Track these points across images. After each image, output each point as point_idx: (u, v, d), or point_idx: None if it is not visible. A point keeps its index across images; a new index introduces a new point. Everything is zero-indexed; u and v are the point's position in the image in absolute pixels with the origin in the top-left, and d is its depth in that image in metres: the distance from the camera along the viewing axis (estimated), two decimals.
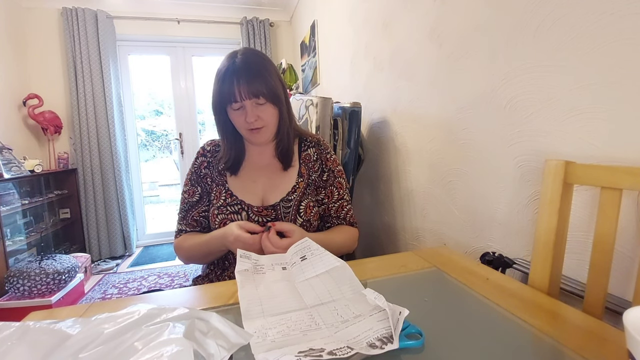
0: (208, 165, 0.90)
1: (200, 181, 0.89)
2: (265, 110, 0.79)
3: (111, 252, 3.05)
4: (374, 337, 0.41)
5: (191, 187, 0.89)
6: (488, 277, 0.61)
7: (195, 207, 0.89)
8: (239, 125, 0.81)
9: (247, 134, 0.82)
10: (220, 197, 0.85)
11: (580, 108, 0.70)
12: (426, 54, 1.22)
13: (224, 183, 0.87)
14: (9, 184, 2.26)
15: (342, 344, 0.39)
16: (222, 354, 0.35)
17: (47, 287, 1.85)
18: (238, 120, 0.80)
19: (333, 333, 0.43)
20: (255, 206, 0.83)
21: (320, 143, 0.94)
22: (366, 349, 0.39)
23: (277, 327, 0.45)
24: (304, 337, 0.42)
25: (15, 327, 0.34)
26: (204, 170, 0.89)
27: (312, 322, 0.46)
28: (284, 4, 3.33)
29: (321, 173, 0.91)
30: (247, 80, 0.75)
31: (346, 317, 0.46)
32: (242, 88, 0.75)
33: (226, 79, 0.76)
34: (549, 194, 0.68)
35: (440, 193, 1.19)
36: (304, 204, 0.85)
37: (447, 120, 1.13)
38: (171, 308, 0.37)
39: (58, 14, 2.89)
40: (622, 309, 0.55)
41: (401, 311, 0.43)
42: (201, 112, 3.61)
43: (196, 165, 0.90)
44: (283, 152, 0.88)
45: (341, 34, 2.11)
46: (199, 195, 0.89)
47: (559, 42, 0.73)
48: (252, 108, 0.77)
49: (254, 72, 0.76)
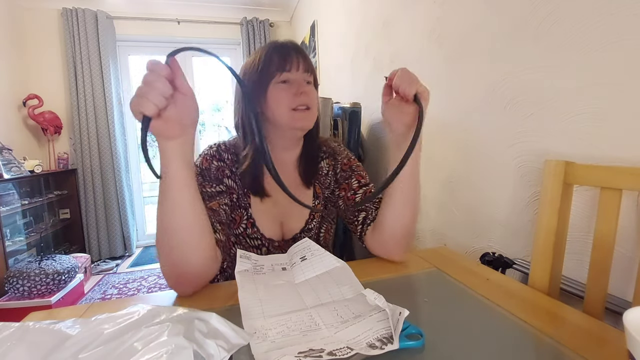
0: (232, 175, 0.73)
1: (220, 183, 0.71)
2: (312, 90, 0.71)
3: (111, 252, 3.05)
4: (374, 338, 0.41)
5: (206, 182, 0.69)
6: (488, 277, 0.61)
7: (213, 198, 0.68)
8: (283, 101, 0.68)
9: (290, 115, 0.68)
10: (241, 222, 0.73)
11: (580, 108, 0.70)
12: (426, 54, 1.22)
13: (247, 207, 0.74)
14: (9, 185, 2.26)
15: (342, 345, 0.39)
16: (222, 354, 0.35)
17: (46, 287, 1.85)
18: (284, 96, 0.68)
19: (333, 334, 0.43)
20: (277, 240, 0.75)
21: (337, 153, 0.82)
22: (366, 349, 0.39)
23: (277, 328, 0.44)
24: (304, 338, 0.42)
25: (15, 327, 0.34)
26: (226, 181, 0.72)
27: (312, 322, 0.46)
28: (284, 4, 3.34)
29: (334, 185, 0.81)
30: (302, 53, 0.70)
31: (346, 318, 0.46)
32: (300, 58, 0.69)
33: (283, 48, 0.69)
34: (549, 194, 0.68)
35: (440, 193, 1.19)
36: (323, 229, 0.80)
37: (447, 121, 1.13)
38: (171, 308, 0.37)
39: (58, 14, 2.89)
40: (622, 309, 0.55)
41: (401, 311, 0.43)
42: (201, 112, 3.60)
43: (212, 170, 0.71)
44: (308, 160, 0.77)
45: (341, 34, 2.11)
46: (221, 188, 0.70)
47: (559, 42, 0.73)
48: (303, 83, 0.69)
49: (305, 53, 0.73)
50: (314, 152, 0.79)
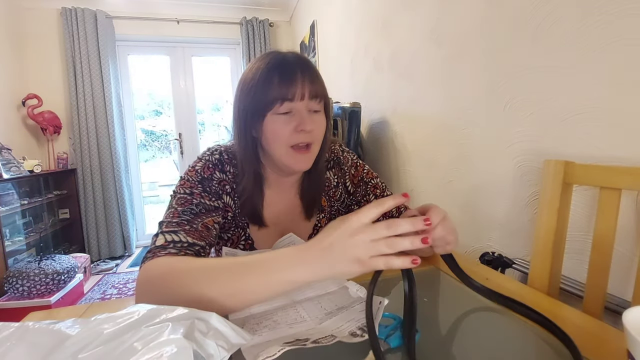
0: (232, 192, 0.66)
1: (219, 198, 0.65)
2: (318, 122, 0.61)
3: (110, 252, 3.05)
4: (356, 327, 0.43)
5: (206, 193, 0.62)
6: (487, 277, 0.61)
7: (210, 213, 0.60)
8: (281, 137, 0.59)
9: (289, 154, 0.60)
10: (238, 242, 0.69)
11: (579, 108, 0.70)
12: (426, 54, 1.22)
13: (245, 226, 0.68)
14: (8, 184, 2.26)
15: (327, 333, 0.41)
16: (222, 354, 0.35)
17: (46, 287, 1.85)
18: (282, 130, 0.58)
19: (317, 324, 0.45)
20: None
21: (341, 160, 0.76)
22: (348, 338, 0.40)
23: (263, 322, 0.46)
24: (290, 330, 0.44)
25: (15, 327, 0.34)
26: (225, 197, 0.66)
27: (297, 315, 0.47)
28: (283, 4, 3.33)
29: (346, 198, 0.76)
30: (310, 75, 0.58)
31: (330, 310, 0.48)
32: (306, 83, 0.57)
33: (284, 70, 0.57)
34: (549, 194, 0.68)
35: (439, 193, 1.19)
36: None
37: (446, 121, 1.13)
38: (171, 308, 0.37)
39: (57, 14, 2.88)
40: (622, 308, 0.56)
41: (381, 301, 0.45)
42: (201, 112, 3.61)
43: (214, 181, 0.64)
44: (310, 191, 0.69)
45: (341, 34, 2.11)
46: (218, 204, 0.64)
47: (558, 42, 0.73)
48: (307, 114, 0.59)
49: (316, 70, 0.61)
50: (319, 180, 0.70)
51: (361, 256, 0.38)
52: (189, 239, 0.54)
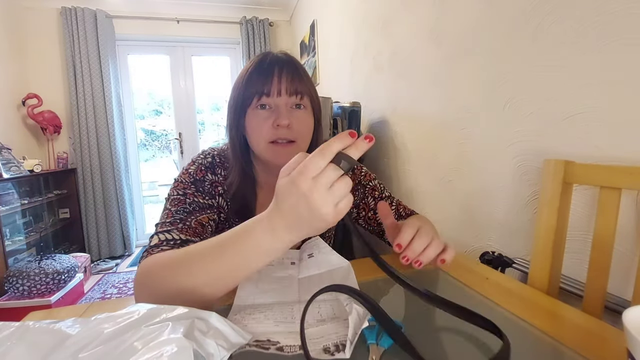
0: (224, 194, 0.68)
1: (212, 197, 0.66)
2: (300, 118, 0.62)
3: (110, 251, 3.05)
4: (332, 343, 0.41)
5: (199, 193, 0.64)
6: (487, 276, 0.61)
7: (204, 211, 0.62)
8: (259, 133, 0.61)
9: (269, 150, 0.61)
10: None
11: (579, 108, 0.70)
12: (426, 53, 1.22)
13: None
14: (8, 184, 2.25)
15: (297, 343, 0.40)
16: (222, 353, 0.35)
17: (46, 287, 1.85)
18: (261, 125, 0.60)
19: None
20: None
21: None
22: (318, 353, 0.39)
23: (254, 314, 0.46)
24: (276, 328, 0.43)
25: (15, 327, 0.34)
26: (218, 198, 0.67)
27: (289, 315, 0.47)
28: (283, 4, 3.33)
29: None
30: (290, 72, 0.61)
31: (324, 317, 0.47)
32: (283, 79, 0.60)
33: (263, 66, 0.61)
34: (549, 193, 0.68)
35: (439, 193, 1.19)
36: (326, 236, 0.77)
37: (446, 120, 1.13)
38: (171, 307, 0.37)
39: (57, 13, 2.88)
40: (622, 308, 0.56)
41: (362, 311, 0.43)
42: (201, 111, 3.61)
43: (206, 183, 0.66)
44: None
45: (341, 34, 2.10)
46: (212, 202, 0.65)
47: (558, 42, 0.73)
48: (286, 110, 0.61)
49: (299, 68, 0.63)
50: None
51: (325, 208, 0.36)
52: (181, 236, 0.55)
